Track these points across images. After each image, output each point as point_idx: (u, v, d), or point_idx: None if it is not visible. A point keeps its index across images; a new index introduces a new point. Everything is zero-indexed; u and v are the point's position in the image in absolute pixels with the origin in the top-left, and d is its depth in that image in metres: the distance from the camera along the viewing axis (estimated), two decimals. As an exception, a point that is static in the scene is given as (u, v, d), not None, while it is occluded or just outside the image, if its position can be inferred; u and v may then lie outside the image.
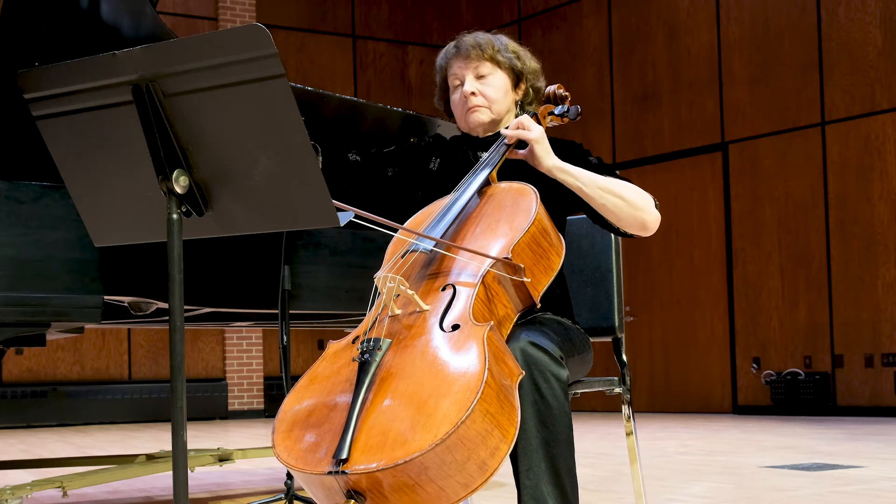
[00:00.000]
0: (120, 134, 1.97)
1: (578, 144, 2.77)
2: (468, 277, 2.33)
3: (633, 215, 2.59)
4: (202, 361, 11.19)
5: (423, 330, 2.23)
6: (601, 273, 3.09)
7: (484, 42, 2.74)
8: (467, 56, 2.73)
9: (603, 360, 4.19)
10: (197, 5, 11.42)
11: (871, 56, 9.03)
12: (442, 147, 2.88)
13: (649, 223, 2.62)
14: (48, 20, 3.41)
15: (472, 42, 2.74)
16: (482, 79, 2.73)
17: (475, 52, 2.72)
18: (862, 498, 4.22)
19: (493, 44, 2.75)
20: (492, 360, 2.08)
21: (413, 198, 2.78)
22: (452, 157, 2.82)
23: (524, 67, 2.78)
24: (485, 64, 2.73)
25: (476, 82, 2.73)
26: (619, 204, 2.57)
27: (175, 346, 1.91)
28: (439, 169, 2.81)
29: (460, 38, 2.78)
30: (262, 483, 5.17)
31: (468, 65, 2.73)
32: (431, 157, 2.85)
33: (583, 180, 2.56)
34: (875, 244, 8.96)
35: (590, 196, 2.57)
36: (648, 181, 10.59)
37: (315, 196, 1.90)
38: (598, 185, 2.57)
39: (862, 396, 8.98)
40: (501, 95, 2.75)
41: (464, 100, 2.74)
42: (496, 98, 2.74)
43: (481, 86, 2.73)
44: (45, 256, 3.09)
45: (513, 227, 2.42)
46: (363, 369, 2.13)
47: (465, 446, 1.97)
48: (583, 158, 2.69)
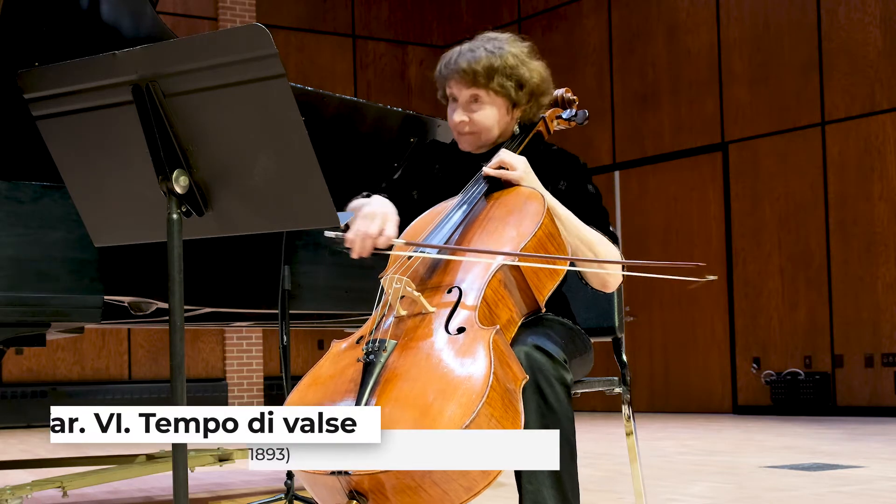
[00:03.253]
0: (120, 134, 1.97)
1: (582, 165, 2.70)
2: (474, 280, 2.32)
3: (598, 274, 2.56)
4: (202, 361, 11.19)
5: (428, 332, 2.22)
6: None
7: (481, 68, 2.57)
8: (463, 78, 2.61)
9: (603, 360, 4.17)
10: (197, 5, 11.42)
11: (871, 56, 9.03)
12: (442, 150, 2.84)
13: (611, 284, 2.59)
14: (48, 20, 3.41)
15: (468, 66, 2.58)
16: (477, 101, 2.63)
17: (468, 77, 2.60)
18: (862, 498, 4.22)
19: (492, 66, 2.58)
20: (497, 365, 2.08)
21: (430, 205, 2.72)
22: (455, 160, 2.78)
23: (523, 93, 2.64)
24: (480, 90, 2.61)
25: (468, 107, 2.63)
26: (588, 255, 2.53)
27: (175, 346, 1.91)
28: (442, 173, 2.77)
29: (460, 52, 2.64)
30: (262, 483, 5.17)
31: (464, 85, 2.62)
32: (434, 163, 2.81)
33: (564, 223, 2.50)
34: (875, 244, 8.96)
35: (565, 240, 2.52)
36: (648, 181, 10.60)
37: (315, 196, 1.90)
38: (578, 234, 2.51)
39: (862, 396, 8.98)
40: (493, 123, 2.65)
41: (455, 122, 2.67)
42: (487, 126, 2.64)
43: (474, 111, 2.63)
44: (45, 256, 3.09)
45: (520, 231, 2.40)
46: (367, 370, 2.13)
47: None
48: (581, 185, 2.64)
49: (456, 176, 2.69)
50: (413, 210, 2.67)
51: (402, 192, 2.74)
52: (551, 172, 2.62)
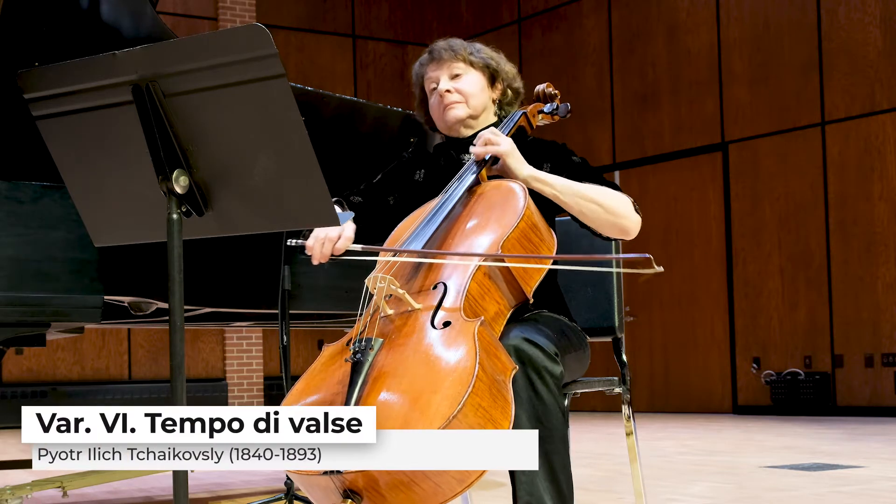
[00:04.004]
0: (120, 134, 1.97)
1: (562, 145, 2.77)
2: (459, 274, 2.34)
3: (611, 221, 2.58)
4: (202, 361, 11.19)
5: (414, 328, 2.24)
6: (601, 273, 3.08)
7: (457, 45, 2.79)
8: (440, 59, 2.77)
9: (603, 360, 4.19)
10: (197, 5, 11.42)
11: (871, 56, 9.03)
12: (425, 158, 2.89)
13: (629, 228, 2.61)
14: (48, 20, 3.41)
15: (445, 45, 2.79)
16: (457, 78, 2.76)
17: (447, 53, 2.77)
18: (862, 498, 4.22)
19: (466, 46, 2.79)
20: (483, 355, 2.09)
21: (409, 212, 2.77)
22: (437, 165, 2.83)
23: (498, 66, 2.81)
24: (458, 64, 2.76)
25: (451, 81, 2.76)
26: (596, 210, 2.56)
27: (175, 346, 1.91)
28: (425, 179, 2.83)
29: (433, 45, 2.83)
30: (262, 483, 5.17)
31: (441, 66, 2.76)
32: (416, 170, 2.86)
33: (558, 188, 2.56)
34: (875, 244, 8.96)
35: (567, 204, 2.57)
36: (648, 181, 10.60)
37: (315, 196, 1.90)
38: (575, 193, 2.56)
39: (862, 396, 8.98)
40: (477, 91, 2.77)
41: (440, 98, 2.75)
42: (472, 92, 2.76)
43: (456, 83, 2.76)
44: (45, 256, 3.09)
45: (502, 223, 2.43)
46: (356, 369, 2.15)
47: None
48: (565, 159, 2.70)
49: (437, 180, 2.73)
50: (389, 216, 2.74)
51: (379, 197, 2.82)
52: (534, 160, 2.66)
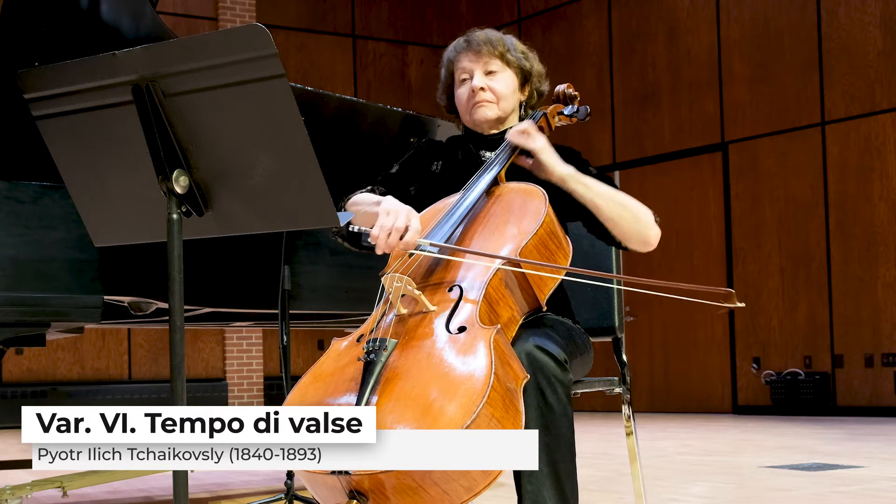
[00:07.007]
0: (120, 134, 1.97)
1: (577, 153, 2.73)
2: (475, 279, 2.31)
3: (639, 231, 2.57)
4: (202, 361, 11.19)
5: (429, 331, 2.21)
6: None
7: (495, 39, 2.71)
8: (478, 51, 2.69)
9: (603, 360, 4.17)
10: (197, 5, 11.41)
11: (871, 56, 9.03)
12: (441, 149, 2.83)
13: (652, 239, 2.60)
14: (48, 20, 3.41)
15: (484, 38, 2.70)
16: (491, 75, 2.70)
17: (486, 47, 2.69)
18: (862, 498, 4.22)
19: (504, 41, 2.72)
20: (498, 365, 2.07)
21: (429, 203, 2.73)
22: (454, 158, 2.78)
23: (532, 69, 2.75)
24: (494, 61, 2.69)
25: (485, 78, 2.69)
26: (628, 219, 2.55)
27: (175, 346, 1.91)
28: (442, 171, 2.77)
29: (471, 32, 2.75)
30: (262, 483, 5.17)
31: (478, 59, 2.69)
32: (433, 161, 2.80)
33: (596, 190, 2.52)
34: (875, 244, 8.96)
35: (601, 207, 2.53)
36: (648, 181, 10.59)
37: (315, 196, 1.90)
38: (612, 198, 2.54)
39: (862, 396, 8.97)
40: (510, 93, 2.71)
41: (471, 94, 2.69)
42: (505, 94, 2.70)
43: (490, 81, 2.70)
44: (45, 256, 3.09)
45: (521, 229, 2.40)
46: (368, 369, 2.12)
47: None
48: (583, 168, 2.64)
49: (456, 174, 2.69)
50: (410, 206, 2.67)
51: (400, 187, 2.73)
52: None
